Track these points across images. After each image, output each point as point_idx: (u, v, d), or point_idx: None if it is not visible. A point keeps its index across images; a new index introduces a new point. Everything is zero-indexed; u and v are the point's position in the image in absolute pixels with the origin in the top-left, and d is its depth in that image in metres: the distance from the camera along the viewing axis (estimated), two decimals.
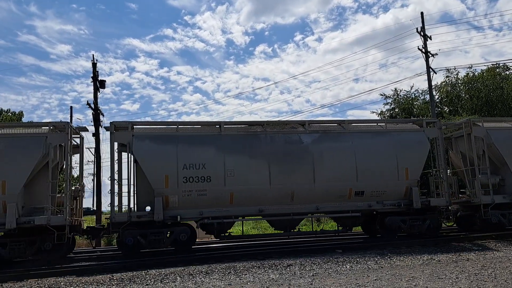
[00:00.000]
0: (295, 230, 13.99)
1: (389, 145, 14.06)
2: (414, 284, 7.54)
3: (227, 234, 13.17)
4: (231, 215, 12.95)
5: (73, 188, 12.95)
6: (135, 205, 12.74)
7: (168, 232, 12.58)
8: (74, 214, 12.97)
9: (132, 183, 12.77)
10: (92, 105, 21.10)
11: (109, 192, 12.60)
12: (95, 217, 19.61)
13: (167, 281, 9.02)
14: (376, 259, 10.73)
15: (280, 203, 13.17)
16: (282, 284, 8.12)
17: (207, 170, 12.66)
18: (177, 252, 12.56)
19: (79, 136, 13.92)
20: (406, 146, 14.17)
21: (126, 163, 12.88)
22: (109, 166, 12.94)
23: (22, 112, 40.75)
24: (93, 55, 21.93)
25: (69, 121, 27.13)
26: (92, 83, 21.47)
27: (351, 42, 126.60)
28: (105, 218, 13.79)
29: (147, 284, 8.80)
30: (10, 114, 39.17)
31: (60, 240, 11.78)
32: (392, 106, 33.48)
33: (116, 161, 12.87)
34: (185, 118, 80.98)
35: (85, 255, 13.09)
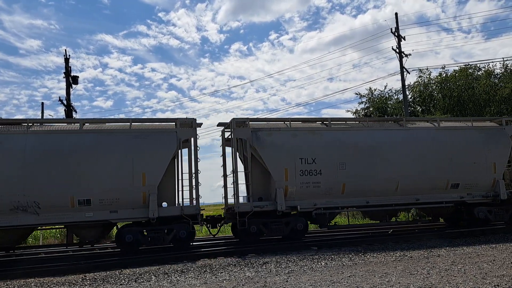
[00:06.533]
0: None
1: None
2: (387, 280, 7.67)
3: None
4: None
5: None
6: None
7: None
8: None
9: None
10: (65, 101, 20.64)
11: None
12: None
13: (142, 280, 8.90)
14: (351, 255, 10.87)
15: None
16: (258, 282, 8.13)
17: None
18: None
19: None
20: None
21: None
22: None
23: None
24: (65, 50, 21.40)
25: (40, 117, 26.36)
26: (65, 79, 20.99)
27: (328, 42, 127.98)
28: None
29: (121, 284, 8.67)
30: None
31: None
32: (366, 105, 34.00)
33: None
34: (160, 115, 79.87)
35: None
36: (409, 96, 33.05)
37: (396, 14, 27.14)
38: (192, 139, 13.16)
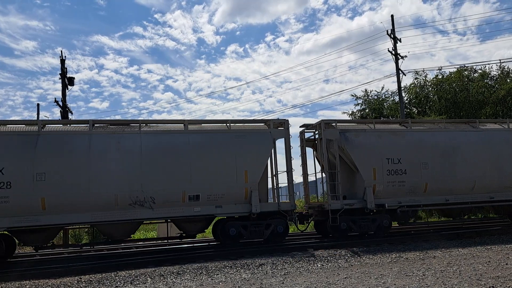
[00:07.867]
0: None
1: None
2: (382, 281, 7.69)
3: None
4: None
5: None
6: None
7: None
8: None
9: None
10: (60, 103, 20.58)
11: None
12: None
13: (137, 282, 8.88)
14: (347, 257, 10.89)
15: None
16: (254, 284, 8.13)
17: None
18: None
19: None
20: None
21: None
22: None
23: None
24: (61, 51, 21.39)
25: (35, 118, 26.28)
26: (60, 80, 20.93)
27: (325, 44, 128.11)
28: None
29: (116, 286, 8.64)
30: None
31: None
32: (362, 106, 34.05)
33: None
34: (156, 117, 79.73)
35: None
36: (405, 98, 33.14)
37: (392, 16, 27.20)
38: (285, 139, 13.88)
